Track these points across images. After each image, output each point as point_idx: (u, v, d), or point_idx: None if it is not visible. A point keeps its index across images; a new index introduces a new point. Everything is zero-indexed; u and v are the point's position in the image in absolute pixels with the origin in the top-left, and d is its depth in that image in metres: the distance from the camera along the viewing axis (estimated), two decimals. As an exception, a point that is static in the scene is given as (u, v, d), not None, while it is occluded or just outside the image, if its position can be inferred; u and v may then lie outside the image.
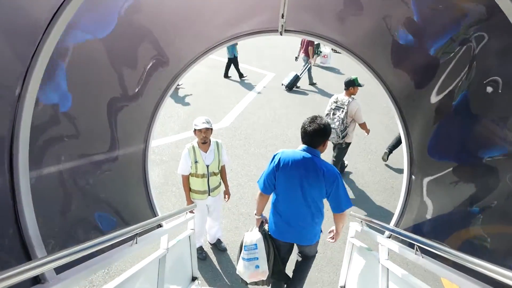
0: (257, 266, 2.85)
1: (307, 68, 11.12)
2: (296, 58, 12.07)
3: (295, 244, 3.08)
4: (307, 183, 2.65)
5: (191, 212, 3.68)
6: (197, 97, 9.76)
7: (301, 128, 2.82)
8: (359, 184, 5.78)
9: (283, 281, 3.19)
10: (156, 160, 6.20)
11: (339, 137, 5.27)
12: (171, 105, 9.13)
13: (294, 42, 22.20)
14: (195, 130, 3.50)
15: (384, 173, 6.14)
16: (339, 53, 17.11)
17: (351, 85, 5.30)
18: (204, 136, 3.47)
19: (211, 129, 3.54)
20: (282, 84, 10.93)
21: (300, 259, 3.20)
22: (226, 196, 3.95)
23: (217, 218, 4.00)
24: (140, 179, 2.96)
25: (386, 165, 6.49)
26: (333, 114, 5.25)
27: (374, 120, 8.34)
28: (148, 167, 3.07)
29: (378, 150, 7.06)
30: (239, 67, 11.64)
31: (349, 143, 5.52)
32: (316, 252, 3.21)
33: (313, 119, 2.76)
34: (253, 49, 19.61)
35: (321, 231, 3.04)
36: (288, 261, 3.23)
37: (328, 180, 2.60)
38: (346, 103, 5.21)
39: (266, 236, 3.00)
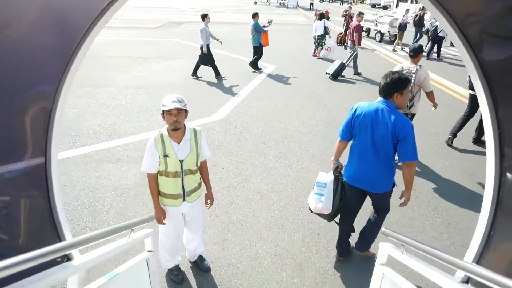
0: (322, 201, 3.20)
1: (354, 56, 10.45)
2: (345, 47, 11.41)
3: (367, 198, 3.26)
4: (378, 132, 2.83)
5: (161, 223, 2.78)
6: (189, 90, 8.88)
7: (382, 81, 2.94)
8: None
9: (348, 235, 3.43)
10: (136, 156, 5.30)
11: (406, 106, 4.90)
12: (160, 97, 8.22)
13: (297, 37, 21.33)
14: (163, 112, 2.60)
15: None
16: (343, 45, 16.34)
17: (420, 51, 4.96)
18: (175, 121, 2.57)
19: (185, 110, 2.63)
20: (326, 73, 10.42)
21: (371, 215, 3.35)
22: (208, 201, 3.02)
23: (197, 230, 3.07)
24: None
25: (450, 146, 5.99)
26: None
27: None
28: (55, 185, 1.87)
29: (438, 132, 6.34)
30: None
31: (414, 114, 5.11)
32: (388, 209, 3.29)
33: (391, 72, 2.95)
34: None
35: (395, 184, 3.10)
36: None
37: (398, 128, 2.73)
38: (413, 71, 4.82)
39: (338, 181, 3.24)
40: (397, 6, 40.88)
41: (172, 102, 2.50)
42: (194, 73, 9.99)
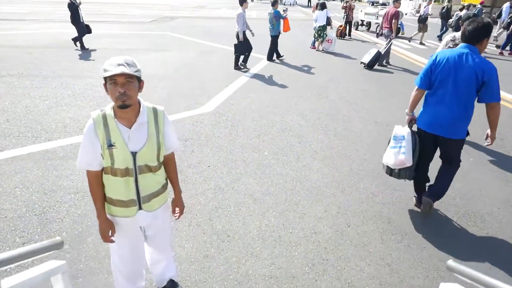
0: (404, 153, 3.23)
1: (389, 45, 9.96)
2: (378, 34, 11.12)
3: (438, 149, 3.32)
4: (462, 76, 2.91)
5: (110, 240, 1.98)
6: (178, 81, 8.08)
7: (464, 28, 3.00)
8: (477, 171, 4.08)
9: (424, 182, 3.51)
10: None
11: None
12: (145, 88, 7.41)
13: (296, 31, 20.73)
14: (105, 81, 1.81)
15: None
16: (343, 38, 15.60)
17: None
18: (123, 93, 1.76)
19: (139, 79, 1.85)
20: (361, 63, 9.96)
21: (443, 166, 3.38)
22: (177, 209, 2.22)
23: (163, 248, 2.27)
24: None
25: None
26: None
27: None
28: None
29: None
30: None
31: None
32: (459, 162, 3.34)
33: (474, 19, 2.98)
34: (250, 39, 18.07)
35: (468, 133, 3.24)
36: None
37: (483, 71, 2.83)
38: None
39: (415, 134, 3.30)
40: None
41: (118, 66, 1.71)
42: (236, 64, 9.31)
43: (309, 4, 40.06)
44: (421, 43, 14.80)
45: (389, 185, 3.98)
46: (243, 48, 9.15)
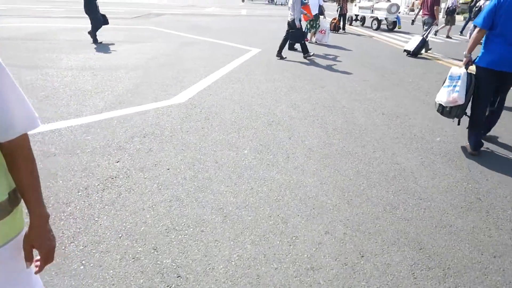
0: (457, 91, 3.39)
1: (431, 31, 9.44)
2: (413, 21, 10.60)
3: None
4: None
5: None
6: (149, 71, 6.99)
7: None
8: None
9: (481, 125, 3.66)
10: (39, 152, 3.37)
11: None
12: (109, 78, 6.34)
13: (285, 23, 19.92)
14: None
15: None
16: (337, 32, 14.63)
17: None
18: None
19: None
20: (404, 51, 9.51)
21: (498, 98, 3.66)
22: (36, 250, 1.11)
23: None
24: None
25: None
26: None
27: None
28: None
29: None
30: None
31: None
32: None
33: None
34: (238, 31, 17.23)
35: None
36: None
37: None
38: None
39: (471, 76, 3.44)
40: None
41: None
42: (279, 52, 8.50)
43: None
44: (448, 37, 13.92)
45: (411, 192, 2.92)
46: (299, 35, 8.33)
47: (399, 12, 16.33)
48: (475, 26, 4.16)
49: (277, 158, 3.46)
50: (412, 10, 32.77)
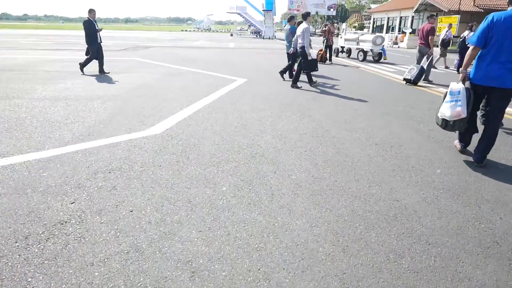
0: (460, 105, 3.59)
1: (430, 60, 9.70)
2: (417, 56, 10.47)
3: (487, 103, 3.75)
4: None
5: None
6: (127, 101, 6.61)
7: None
8: None
9: (472, 131, 3.96)
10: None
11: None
12: (82, 109, 5.92)
13: (274, 57, 19.82)
14: None
15: None
16: (323, 63, 14.64)
17: None
18: None
19: None
20: (403, 79, 9.67)
21: (491, 114, 3.71)
22: None
23: None
24: None
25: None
26: None
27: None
28: None
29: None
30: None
31: None
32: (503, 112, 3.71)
33: None
34: (224, 63, 17.30)
35: None
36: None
37: None
38: None
39: (469, 90, 3.67)
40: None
41: None
42: (295, 82, 8.58)
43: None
44: (446, 67, 14.04)
45: (417, 235, 2.47)
46: (311, 64, 8.41)
47: (384, 44, 16.58)
48: (467, 46, 4.42)
49: (260, 195, 3.01)
50: (396, 43, 33.79)
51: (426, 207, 2.90)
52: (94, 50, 9.56)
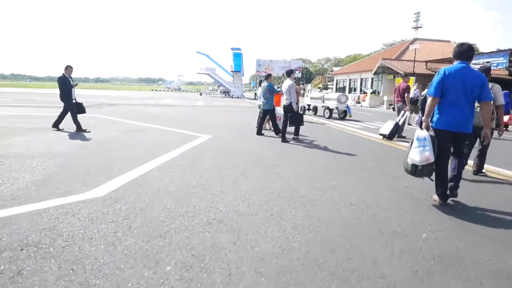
0: (427, 150, 3.79)
1: (405, 117, 10.18)
2: (394, 108, 11.35)
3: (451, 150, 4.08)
4: (469, 82, 3.75)
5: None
6: (73, 159, 5.91)
7: (454, 51, 3.93)
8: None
9: (447, 177, 4.06)
10: None
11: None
12: (16, 168, 5.16)
13: (243, 115, 19.91)
14: None
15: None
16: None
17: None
18: None
19: None
20: (380, 134, 9.77)
21: (454, 166, 4.14)
22: None
23: None
24: None
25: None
26: None
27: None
28: None
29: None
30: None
31: (494, 129, 5.44)
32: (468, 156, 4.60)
33: (462, 42, 3.97)
34: (190, 119, 16.97)
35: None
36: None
37: (480, 78, 3.80)
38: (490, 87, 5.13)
39: (432, 136, 3.92)
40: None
41: None
42: (283, 136, 8.63)
43: (256, 97, 41.45)
44: (409, 124, 14.34)
45: None
46: (298, 117, 8.62)
47: (348, 102, 17.08)
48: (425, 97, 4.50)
49: (214, 277, 2.36)
50: (358, 102, 35.50)
51: (419, 285, 2.35)
52: (68, 107, 9.16)
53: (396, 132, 9.60)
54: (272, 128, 10.99)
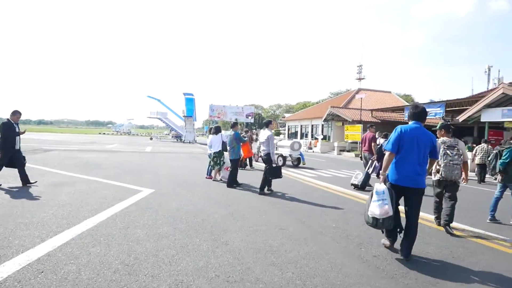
0: (386, 204, 3.94)
1: (373, 166, 10.21)
2: (361, 158, 11.39)
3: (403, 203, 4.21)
4: (422, 141, 4.05)
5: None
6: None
7: (410, 112, 4.27)
8: None
9: (397, 227, 4.25)
10: None
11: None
12: None
13: (192, 162, 18.88)
14: None
15: None
16: (243, 169, 13.96)
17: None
18: None
19: None
20: (351, 184, 9.86)
21: (409, 211, 4.14)
22: None
23: None
24: None
25: None
26: (452, 152, 5.59)
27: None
28: None
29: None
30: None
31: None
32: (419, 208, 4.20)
33: (416, 104, 4.87)
34: (134, 168, 15.69)
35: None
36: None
37: (432, 138, 4.13)
38: (456, 143, 5.66)
39: (389, 190, 4.06)
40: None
41: None
42: (262, 189, 8.26)
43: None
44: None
45: None
46: (276, 171, 8.26)
47: (301, 150, 16.87)
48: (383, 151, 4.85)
49: None
50: (310, 148, 36.07)
51: None
52: (6, 157, 7.86)
53: (368, 181, 9.60)
54: (222, 179, 10.17)
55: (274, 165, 8.20)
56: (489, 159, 6.79)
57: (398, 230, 4.29)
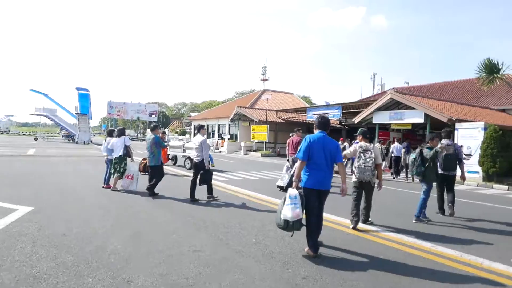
0: (297, 208, 4.28)
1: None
2: (289, 160, 10.96)
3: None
4: (328, 149, 4.51)
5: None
6: None
7: (316, 122, 4.78)
8: None
9: (313, 233, 4.51)
10: None
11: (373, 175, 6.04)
12: None
13: (88, 168, 16.77)
14: None
15: None
16: (147, 174, 12.71)
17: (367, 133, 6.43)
18: None
19: None
20: (277, 186, 10.08)
21: (317, 217, 4.57)
22: None
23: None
24: None
25: None
26: (365, 155, 6.09)
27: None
28: None
29: None
30: None
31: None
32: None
33: (321, 115, 5.01)
34: (7, 179, 12.89)
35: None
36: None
37: (335, 146, 4.60)
38: (371, 148, 6.11)
39: (301, 195, 4.44)
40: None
41: None
42: (192, 195, 7.96)
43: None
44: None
45: None
46: (209, 176, 8.06)
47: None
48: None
49: None
50: (217, 148, 35.71)
51: None
52: None
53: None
54: (122, 188, 8.93)
55: (207, 171, 8.01)
56: (413, 157, 7.04)
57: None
